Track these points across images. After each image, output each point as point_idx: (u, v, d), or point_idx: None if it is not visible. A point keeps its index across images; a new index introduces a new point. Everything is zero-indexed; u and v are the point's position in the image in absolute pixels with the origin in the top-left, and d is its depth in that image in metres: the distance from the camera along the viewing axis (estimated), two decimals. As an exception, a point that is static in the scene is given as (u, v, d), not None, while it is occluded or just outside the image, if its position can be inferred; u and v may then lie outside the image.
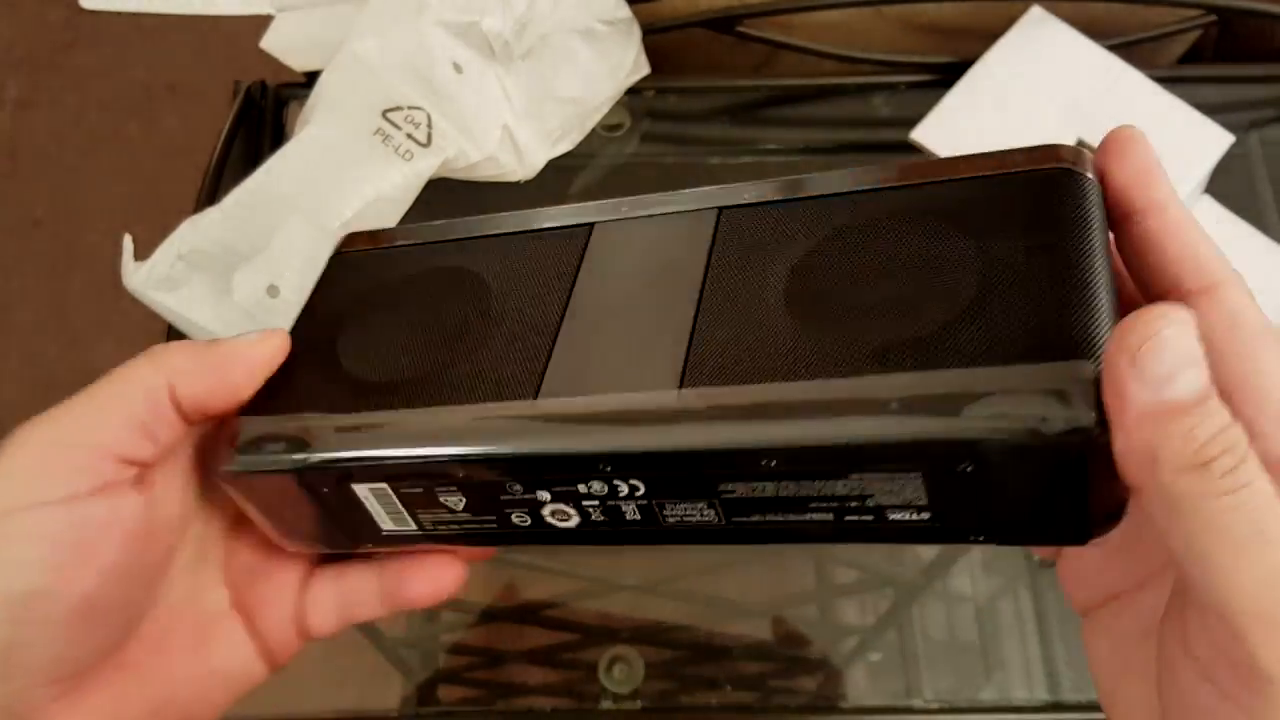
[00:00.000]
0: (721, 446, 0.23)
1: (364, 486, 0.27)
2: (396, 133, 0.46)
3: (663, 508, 0.25)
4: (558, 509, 0.26)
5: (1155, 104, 0.49)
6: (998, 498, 0.22)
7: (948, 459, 0.21)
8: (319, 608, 0.30)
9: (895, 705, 0.44)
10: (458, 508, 0.26)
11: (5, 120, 1.33)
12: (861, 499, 0.23)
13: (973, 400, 0.21)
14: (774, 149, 0.55)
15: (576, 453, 0.24)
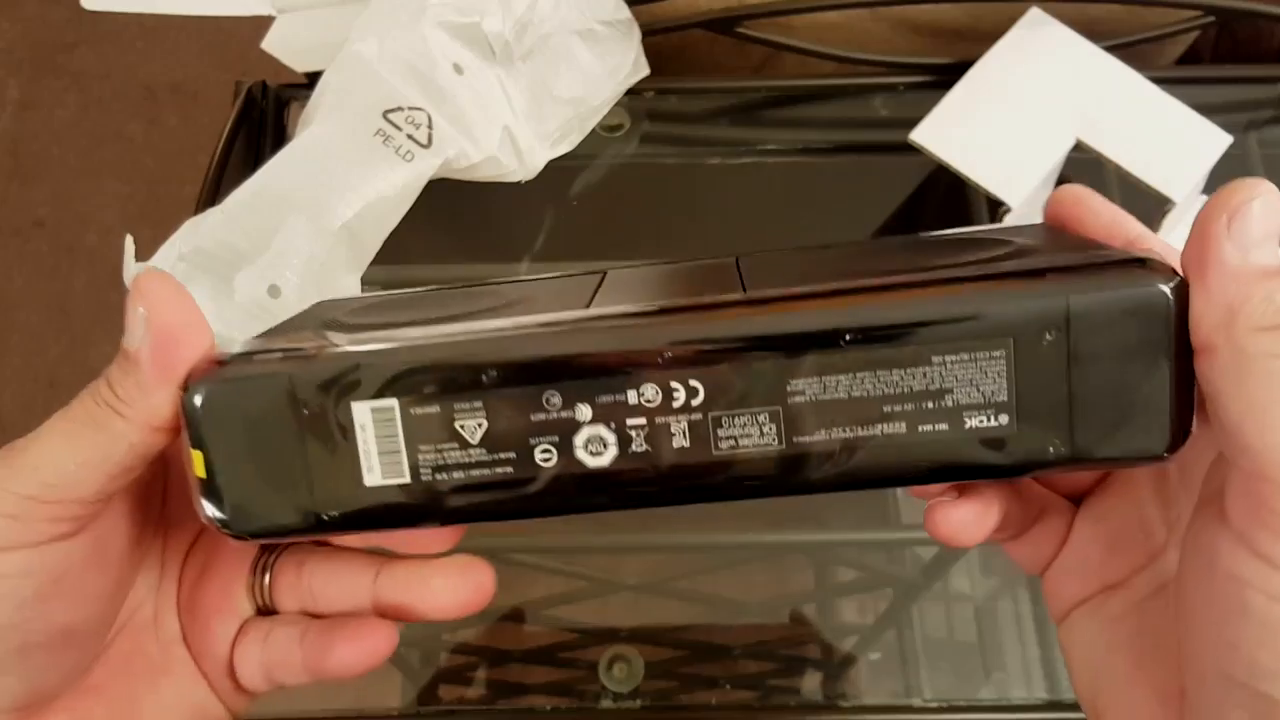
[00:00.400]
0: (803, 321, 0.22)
1: (367, 404, 0.23)
2: (397, 133, 0.46)
3: (718, 425, 0.23)
4: (594, 435, 0.23)
5: (1154, 105, 0.49)
6: (1082, 381, 0.22)
7: (1035, 324, 0.22)
8: (246, 665, 0.28)
9: (895, 704, 0.44)
10: (473, 438, 0.23)
11: (7, 120, 1.34)
12: (939, 396, 0.22)
13: (1058, 270, 0.22)
14: (774, 150, 0.55)
15: (637, 343, 0.22)
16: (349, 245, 0.44)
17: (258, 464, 0.23)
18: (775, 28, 0.55)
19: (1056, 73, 0.50)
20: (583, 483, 0.23)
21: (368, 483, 0.24)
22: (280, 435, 0.23)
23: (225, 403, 0.23)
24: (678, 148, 0.56)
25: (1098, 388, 0.22)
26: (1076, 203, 0.26)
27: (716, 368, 0.22)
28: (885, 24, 0.57)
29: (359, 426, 0.23)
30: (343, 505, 0.24)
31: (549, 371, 0.23)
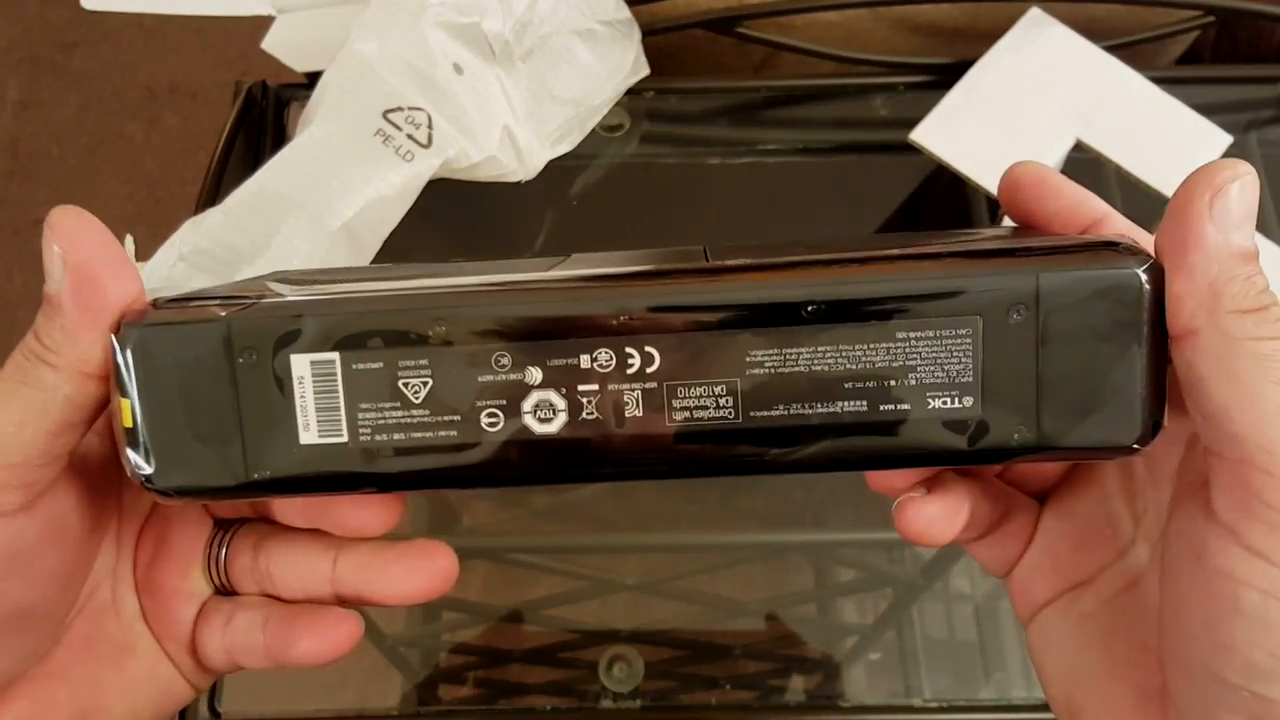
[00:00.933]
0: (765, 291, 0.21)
1: (306, 357, 0.22)
2: (397, 133, 0.46)
3: (673, 395, 0.22)
4: (544, 400, 0.22)
5: (1153, 105, 0.49)
6: (1050, 364, 0.21)
7: (1004, 302, 0.21)
8: (209, 647, 0.27)
9: (894, 704, 0.44)
10: (416, 397, 0.22)
11: (7, 120, 1.34)
12: (903, 374, 0.21)
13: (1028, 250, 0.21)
14: (773, 149, 0.55)
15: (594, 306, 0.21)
16: (349, 245, 0.44)
17: (188, 416, 0.22)
18: (775, 28, 0.55)
19: (1056, 73, 0.50)
20: (530, 450, 0.22)
21: (303, 440, 0.22)
22: (213, 386, 0.22)
23: (156, 349, 0.22)
24: (678, 148, 0.56)
25: (1066, 372, 0.21)
26: (1037, 182, 0.25)
27: (674, 335, 0.21)
28: (885, 24, 0.57)
29: (297, 380, 0.22)
30: (276, 465, 0.22)
31: (500, 330, 0.21)
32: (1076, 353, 0.21)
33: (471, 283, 0.22)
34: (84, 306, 0.22)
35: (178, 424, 0.22)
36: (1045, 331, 0.21)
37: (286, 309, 0.22)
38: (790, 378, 0.22)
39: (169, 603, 0.27)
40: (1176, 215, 0.20)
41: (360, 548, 0.26)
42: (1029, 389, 0.21)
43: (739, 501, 0.50)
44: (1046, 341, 0.21)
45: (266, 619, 0.26)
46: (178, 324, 0.22)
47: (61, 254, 0.22)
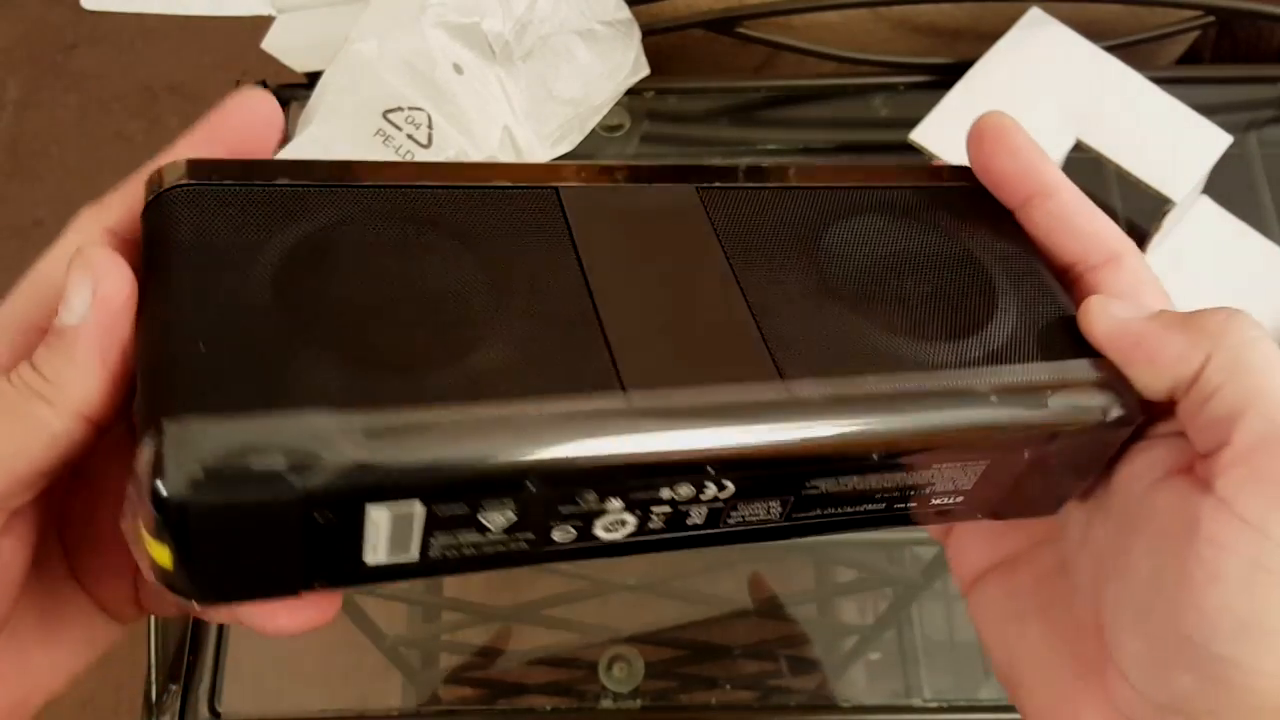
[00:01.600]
0: (844, 439, 0.22)
1: (386, 507, 0.20)
2: (397, 133, 0.46)
3: (734, 509, 0.23)
4: (617, 519, 0.22)
5: (1154, 105, 0.49)
6: (1026, 479, 0.25)
7: (1020, 448, 0.24)
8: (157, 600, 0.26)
9: (895, 704, 0.44)
10: (496, 526, 0.21)
11: (7, 121, 1.34)
12: (923, 487, 0.24)
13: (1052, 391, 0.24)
14: (774, 149, 0.55)
15: (691, 452, 0.21)
16: (349, 245, 0.44)
17: (241, 554, 0.20)
18: (775, 28, 0.55)
19: (1056, 73, 0.50)
20: (588, 551, 0.23)
21: (369, 562, 0.21)
22: (274, 537, 0.20)
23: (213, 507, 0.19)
24: (678, 148, 0.56)
25: (1037, 485, 0.25)
26: (998, 138, 0.26)
27: (755, 473, 0.22)
28: (885, 24, 0.57)
29: (372, 524, 0.20)
30: (334, 580, 0.21)
31: (594, 480, 0.21)
32: (1052, 473, 0.25)
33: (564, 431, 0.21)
34: (104, 345, 0.21)
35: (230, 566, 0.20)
36: (1035, 462, 0.24)
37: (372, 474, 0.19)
38: (836, 495, 0.24)
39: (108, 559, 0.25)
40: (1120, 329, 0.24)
41: None
42: (1004, 492, 0.25)
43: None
44: (1033, 467, 0.24)
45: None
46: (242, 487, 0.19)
47: (94, 286, 0.21)
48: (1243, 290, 0.49)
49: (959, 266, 0.26)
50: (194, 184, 0.23)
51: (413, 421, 0.20)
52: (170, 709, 0.41)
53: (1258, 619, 0.21)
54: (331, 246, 0.23)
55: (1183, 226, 0.50)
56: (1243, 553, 0.21)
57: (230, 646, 0.43)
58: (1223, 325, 0.23)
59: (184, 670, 0.42)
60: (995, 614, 0.27)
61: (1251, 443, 0.22)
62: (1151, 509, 0.23)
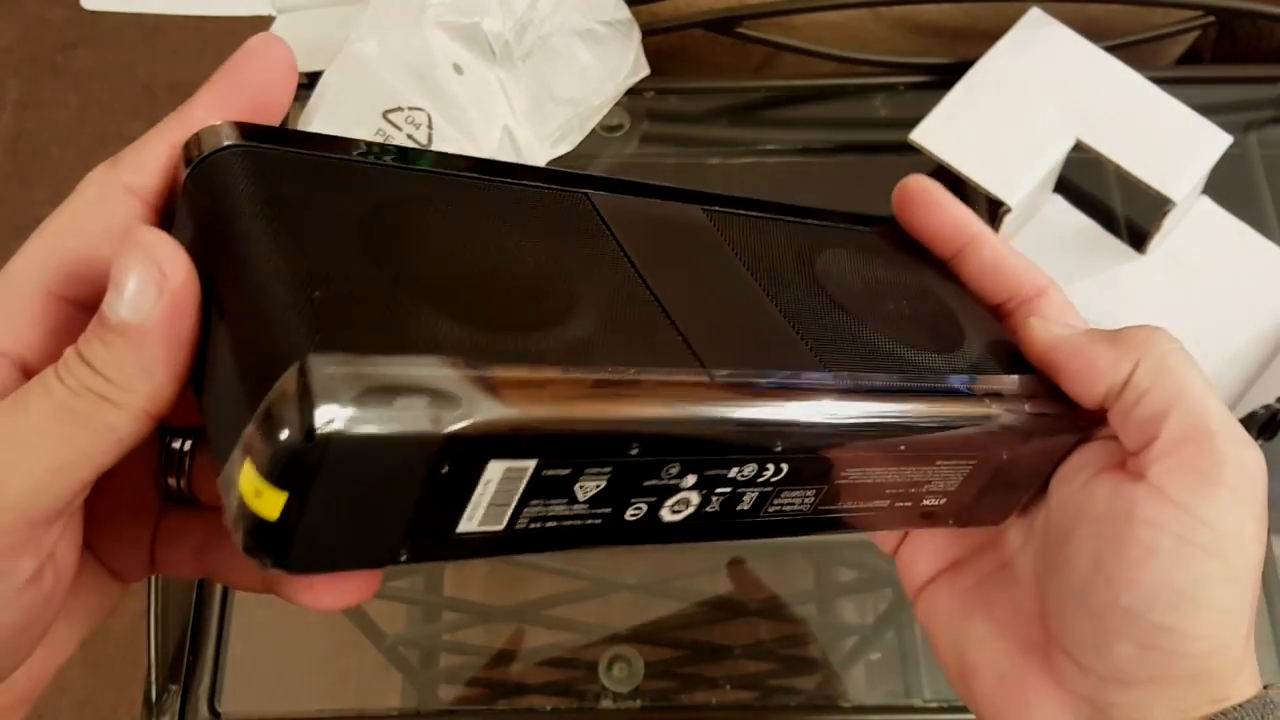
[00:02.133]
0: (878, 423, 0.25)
1: (504, 464, 0.20)
2: (397, 133, 0.46)
3: (778, 495, 0.25)
4: (684, 498, 0.23)
5: (1153, 105, 0.49)
6: (995, 482, 0.28)
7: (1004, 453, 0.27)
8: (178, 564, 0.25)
9: (895, 704, 0.44)
10: (584, 496, 0.22)
11: (7, 120, 1.34)
12: (922, 484, 0.27)
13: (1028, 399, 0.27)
14: (774, 150, 0.55)
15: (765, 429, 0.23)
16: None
17: (353, 513, 0.19)
18: (775, 28, 0.55)
19: (1056, 73, 0.50)
20: (646, 532, 0.23)
21: (461, 530, 0.21)
22: (397, 490, 0.19)
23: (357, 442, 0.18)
24: (678, 148, 0.56)
25: (1001, 488, 0.28)
26: (925, 197, 0.30)
27: (810, 455, 0.24)
28: (885, 24, 0.57)
29: (484, 481, 0.20)
30: (422, 551, 0.21)
31: (686, 449, 0.22)
32: (1015, 478, 0.28)
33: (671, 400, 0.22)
34: (174, 344, 0.20)
35: (336, 519, 0.19)
36: (1007, 466, 0.27)
37: (506, 427, 0.19)
38: (859, 487, 0.26)
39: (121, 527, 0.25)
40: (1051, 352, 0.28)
41: None
42: (976, 494, 0.28)
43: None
44: (1002, 471, 0.27)
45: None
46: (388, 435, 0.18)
47: (157, 280, 0.19)
48: (1243, 290, 0.49)
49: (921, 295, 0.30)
50: (247, 145, 0.22)
51: (541, 378, 0.20)
52: (170, 709, 0.41)
53: (1190, 589, 0.24)
54: (408, 217, 0.23)
55: (1183, 226, 0.50)
56: (1175, 530, 0.24)
57: (230, 646, 0.43)
58: (1147, 337, 0.26)
59: (184, 670, 0.42)
60: (943, 614, 0.30)
61: (1178, 435, 0.25)
62: (1088, 500, 0.26)
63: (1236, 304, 0.49)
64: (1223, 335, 0.48)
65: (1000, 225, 0.48)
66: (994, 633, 0.28)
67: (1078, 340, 0.27)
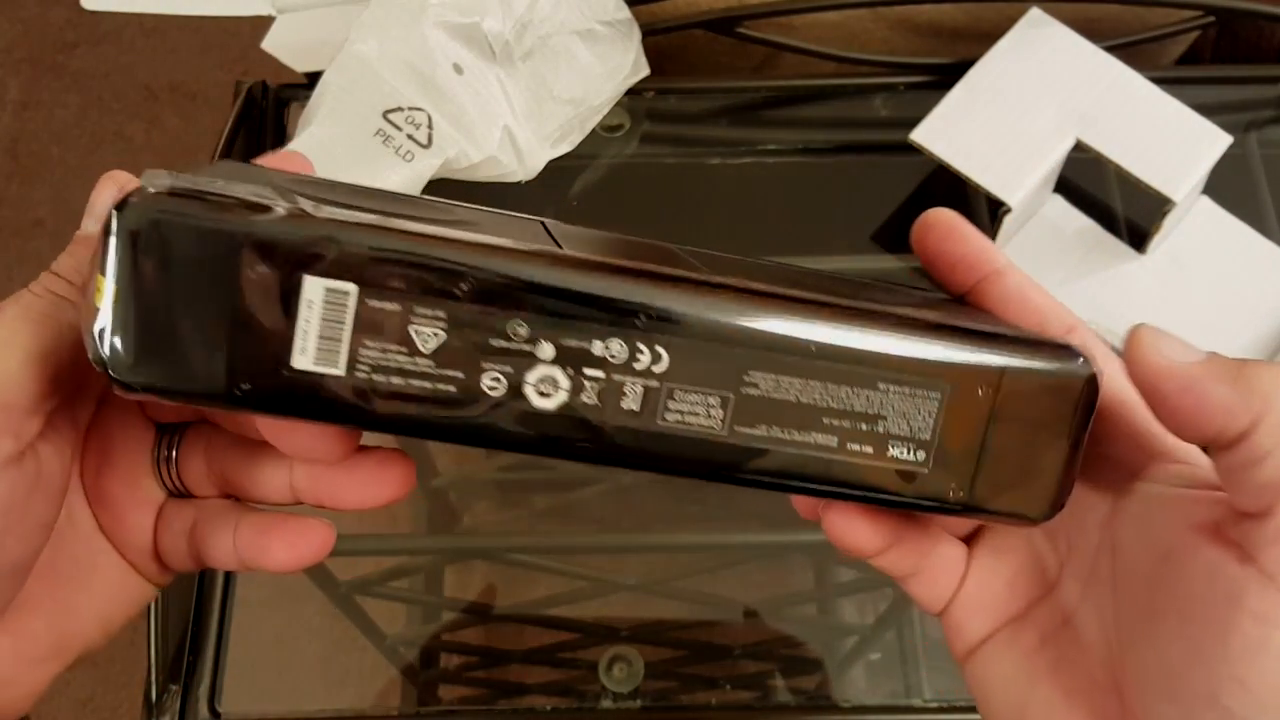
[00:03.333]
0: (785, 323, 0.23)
1: (322, 283, 0.21)
2: (397, 133, 0.46)
3: (670, 396, 0.23)
4: (549, 376, 0.22)
5: (1154, 105, 0.49)
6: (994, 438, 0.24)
7: (974, 378, 0.24)
8: (173, 552, 0.27)
9: (895, 705, 0.44)
10: (425, 347, 0.22)
11: (7, 120, 1.34)
12: (874, 420, 0.24)
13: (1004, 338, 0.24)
14: (774, 149, 0.55)
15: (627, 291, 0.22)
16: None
17: (177, 315, 0.21)
18: (775, 28, 0.55)
19: (1056, 73, 0.50)
20: (522, 420, 0.22)
21: (296, 364, 0.21)
22: (213, 291, 0.21)
23: (162, 237, 0.20)
24: (678, 148, 0.56)
25: (1006, 447, 0.24)
26: (949, 226, 0.28)
27: (689, 341, 0.22)
28: (885, 24, 0.57)
29: (306, 303, 0.21)
30: (261, 383, 0.21)
31: (527, 300, 0.22)
32: (1017, 434, 0.24)
33: (506, 246, 0.22)
34: None
35: (163, 320, 0.21)
36: (999, 410, 0.24)
37: (314, 228, 0.21)
38: (779, 403, 0.23)
39: (123, 513, 0.27)
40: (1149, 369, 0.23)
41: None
42: (973, 456, 0.25)
43: (739, 501, 0.50)
44: (997, 419, 0.24)
45: (237, 524, 0.26)
46: (193, 220, 0.20)
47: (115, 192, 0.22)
48: (1243, 290, 0.49)
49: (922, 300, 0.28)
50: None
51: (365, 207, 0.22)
52: (170, 709, 0.41)
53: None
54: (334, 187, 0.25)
55: (1183, 226, 0.50)
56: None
57: (230, 646, 0.43)
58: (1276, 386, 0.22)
59: (184, 670, 0.42)
60: (1000, 680, 0.27)
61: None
62: (1181, 574, 0.23)
63: (1236, 304, 0.49)
64: (1223, 335, 0.48)
65: (1000, 225, 0.48)
66: (1062, 704, 0.25)
67: (1191, 373, 0.23)
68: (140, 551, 0.27)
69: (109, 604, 0.27)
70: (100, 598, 0.27)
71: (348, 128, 0.46)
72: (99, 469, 0.27)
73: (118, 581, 0.27)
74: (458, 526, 0.53)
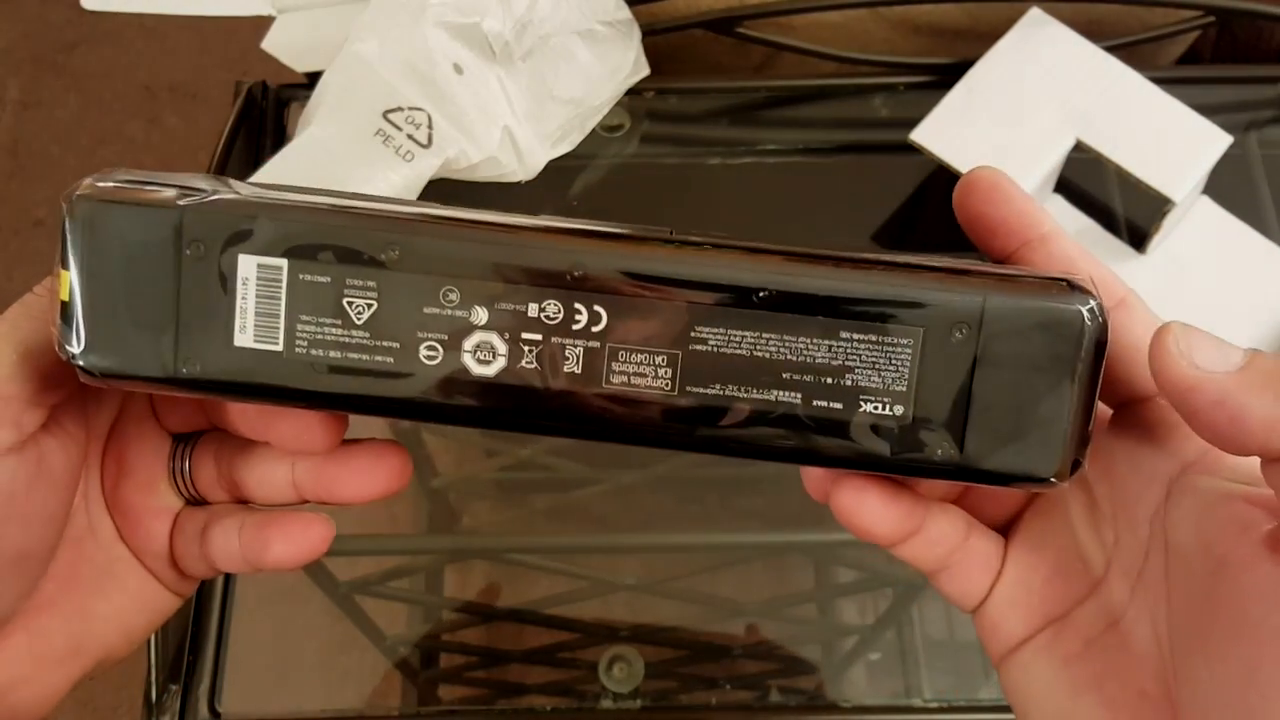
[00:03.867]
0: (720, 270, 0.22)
1: (254, 259, 0.22)
2: (397, 133, 0.46)
3: (614, 357, 0.22)
4: (485, 341, 0.22)
5: (1153, 105, 0.49)
6: (983, 386, 0.22)
7: (948, 318, 0.22)
8: (189, 558, 0.28)
9: (895, 705, 0.44)
10: (359, 318, 0.22)
11: (7, 120, 1.34)
12: (840, 373, 0.22)
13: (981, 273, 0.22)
14: (774, 150, 0.55)
15: (551, 257, 0.21)
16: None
17: (126, 299, 0.22)
18: (775, 28, 0.55)
19: (1056, 73, 0.50)
20: (464, 390, 0.22)
21: (238, 342, 0.22)
22: (155, 273, 0.22)
23: (104, 225, 0.22)
24: (678, 148, 0.56)
25: (997, 397, 0.22)
26: (991, 186, 0.25)
27: (624, 298, 0.22)
28: (885, 24, 0.57)
29: (241, 280, 0.22)
30: (206, 362, 0.22)
31: (453, 265, 0.22)
32: (1010, 380, 0.22)
33: (432, 213, 0.22)
34: None
35: (115, 305, 0.22)
36: (983, 354, 0.22)
37: (242, 208, 0.22)
38: (731, 359, 0.22)
39: (141, 520, 0.27)
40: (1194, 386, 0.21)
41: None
42: (959, 407, 0.22)
43: (739, 501, 0.50)
44: (983, 364, 0.22)
45: (241, 525, 0.27)
46: (130, 204, 0.22)
47: None
48: (1243, 290, 0.49)
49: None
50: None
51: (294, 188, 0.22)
52: (170, 709, 0.41)
53: None
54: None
55: (1183, 226, 0.50)
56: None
57: (230, 646, 0.43)
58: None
59: (184, 670, 0.42)
60: (1040, 688, 0.24)
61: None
62: (1236, 589, 0.21)
63: (1236, 304, 0.49)
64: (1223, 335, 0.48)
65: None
66: (1102, 711, 0.23)
67: (1223, 385, 0.20)
68: (158, 558, 0.28)
69: (129, 612, 0.27)
70: (120, 605, 0.27)
71: (348, 128, 0.46)
72: (118, 478, 0.27)
73: (138, 589, 0.28)
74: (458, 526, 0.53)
